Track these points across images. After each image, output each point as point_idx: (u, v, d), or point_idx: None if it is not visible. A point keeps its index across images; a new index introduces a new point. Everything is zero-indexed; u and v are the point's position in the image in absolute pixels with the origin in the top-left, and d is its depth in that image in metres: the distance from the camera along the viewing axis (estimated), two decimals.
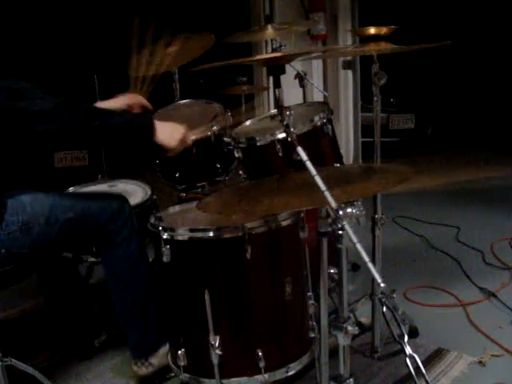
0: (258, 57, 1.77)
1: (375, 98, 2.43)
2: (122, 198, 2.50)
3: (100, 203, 2.39)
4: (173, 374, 2.45)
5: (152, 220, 2.15)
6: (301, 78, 3.17)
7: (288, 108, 1.76)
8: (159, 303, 2.46)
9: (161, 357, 2.51)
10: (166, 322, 2.24)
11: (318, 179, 1.48)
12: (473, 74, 6.98)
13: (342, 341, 1.59)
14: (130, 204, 2.51)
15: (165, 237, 2.03)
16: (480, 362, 2.57)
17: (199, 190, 2.97)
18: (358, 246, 1.37)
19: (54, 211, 2.26)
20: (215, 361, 1.96)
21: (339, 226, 1.44)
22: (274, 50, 2.88)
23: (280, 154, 2.39)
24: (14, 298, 3.38)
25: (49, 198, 2.31)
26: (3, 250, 2.21)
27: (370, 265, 1.32)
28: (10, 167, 2.38)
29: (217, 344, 1.95)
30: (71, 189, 3.04)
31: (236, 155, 2.61)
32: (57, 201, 2.32)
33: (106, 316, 2.80)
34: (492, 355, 2.61)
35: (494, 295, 3.13)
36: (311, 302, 2.14)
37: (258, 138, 2.51)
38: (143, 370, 2.52)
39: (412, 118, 6.43)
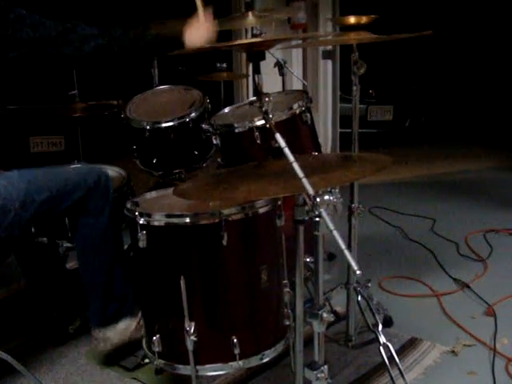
0: (239, 41, 1.75)
1: (354, 87, 2.43)
2: (98, 171, 2.47)
3: (76, 179, 2.36)
4: (147, 361, 2.45)
5: (128, 205, 2.13)
6: (280, 67, 3.15)
7: (267, 94, 1.75)
8: (128, 278, 2.47)
9: (120, 332, 2.50)
10: (140, 304, 2.24)
11: (295, 166, 1.47)
12: (452, 67, 7.03)
13: (317, 328, 1.59)
14: (107, 176, 2.48)
15: (141, 222, 2.02)
16: (452, 352, 2.60)
17: (176, 176, 2.96)
18: (335, 233, 1.37)
19: (29, 193, 2.23)
20: (190, 347, 1.95)
21: (316, 212, 1.44)
22: (254, 36, 2.86)
23: (258, 141, 2.39)
24: None
25: (24, 180, 2.27)
26: None
27: (347, 252, 1.32)
28: None
29: (192, 330, 1.94)
30: None
31: (214, 142, 2.60)
32: (32, 182, 2.28)
33: (81, 302, 2.78)
34: (464, 345, 2.64)
35: (468, 286, 3.17)
36: (287, 289, 2.14)
37: (236, 125, 2.50)
38: (101, 346, 2.51)
39: (390, 110, 6.48)
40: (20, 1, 2.13)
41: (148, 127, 2.88)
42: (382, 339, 2.34)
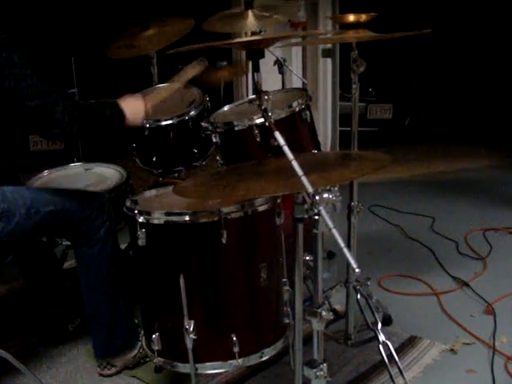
0: (238, 40, 1.75)
1: (354, 85, 2.43)
2: (102, 198, 2.46)
3: (80, 200, 2.34)
4: (147, 359, 2.45)
5: (128, 203, 2.13)
6: (280, 65, 3.15)
7: (266, 92, 1.76)
8: (130, 307, 2.47)
9: (125, 359, 2.51)
10: (139, 302, 2.24)
11: (295, 164, 1.47)
12: (452, 65, 7.01)
13: (316, 326, 1.59)
14: (110, 205, 2.47)
15: (140, 220, 2.02)
16: (452, 350, 2.60)
17: (176, 174, 2.96)
18: (334, 231, 1.36)
19: (35, 202, 2.23)
20: (189, 345, 1.95)
21: (315, 211, 1.44)
22: (253, 34, 2.86)
23: (258, 139, 2.38)
24: None
25: (30, 190, 2.30)
26: None
27: (346, 250, 1.32)
28: None
29: (191, 328, 1.95)
30: (46, 172, 3.00)
31: (213, 140, 2.60)
32: (38, 193, 2.30)
33: (81, 300, 2.77)
34: (463, 343, 2.65)
35: (467, 284, 3.17)
36: (286, 288, 2.15)
37: (235, 123, 2.49)
38: (106, 371, 2.51)
39: (390, 108, 6.47)
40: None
41: (147, 125, 2.87)
42: (382, 337, 2.34)
